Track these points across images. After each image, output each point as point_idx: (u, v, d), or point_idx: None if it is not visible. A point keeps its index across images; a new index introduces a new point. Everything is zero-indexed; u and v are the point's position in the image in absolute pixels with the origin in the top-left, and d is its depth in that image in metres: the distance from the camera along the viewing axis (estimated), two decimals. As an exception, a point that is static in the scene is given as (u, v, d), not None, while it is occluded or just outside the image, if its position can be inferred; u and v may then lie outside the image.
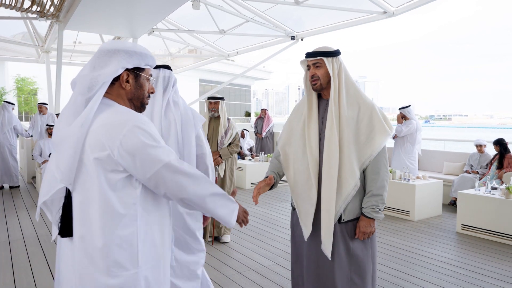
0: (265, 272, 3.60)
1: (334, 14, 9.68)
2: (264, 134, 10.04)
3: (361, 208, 2.11)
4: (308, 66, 2.16)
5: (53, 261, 3.85)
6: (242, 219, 1.62)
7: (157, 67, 2.46)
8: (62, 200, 1.44)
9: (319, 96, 2.21)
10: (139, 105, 1.54)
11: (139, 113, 1.46)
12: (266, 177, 2.20)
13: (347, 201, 2.05)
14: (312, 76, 2.11)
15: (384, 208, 5.80)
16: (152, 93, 1.58)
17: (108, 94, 1.46)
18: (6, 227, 5.06)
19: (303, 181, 2.15)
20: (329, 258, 2.07)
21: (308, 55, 2.13)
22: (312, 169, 2.10)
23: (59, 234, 1.43)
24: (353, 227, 2.11)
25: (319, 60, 2.10)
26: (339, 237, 2.09)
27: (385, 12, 8.59)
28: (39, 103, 8.72)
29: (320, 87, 2.12)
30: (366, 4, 8.47)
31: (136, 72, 1.50)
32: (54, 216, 1.48)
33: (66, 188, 1.42)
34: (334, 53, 2.09)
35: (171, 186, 1.40)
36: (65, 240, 1.45)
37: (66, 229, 1.41)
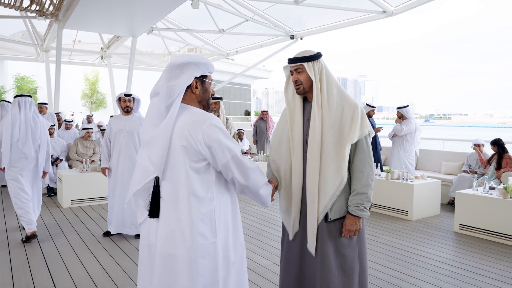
0: (263, 271, 3.61)
1: (333, 14, 9.68)
2: (271, 137, 9.66)
3: (347, 206, 2.15)
4: (291, 71, 2.21)
5: (52, 261, 3.86)
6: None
7: (21, 95, 4.53)
8: (151, 189, 1.75)
9: (306, 99, 2.26)
10: (206, 105, 1.88)
11: (210, 113, 1.79)
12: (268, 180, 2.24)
13: (332, 201, 2.10)
14: (296, 81, 2.17)
15: (382, 207, 5.81)
16: (213, 95, 1.94)
17: (182, 99, 1.77)
18: (5, 227, 5.07)
19: (288, 182, 2.23)
20: (313, 255, 2.13)
21: (290, 61, 2.19)
22: (296, 170, 2.17)
23: (149, 216, 1.75)
24: (340, 226, 2.15)
25: (299, 65, 2.16)
26: (326, 236, 2.13)
27: (384, 12, 8.59)
28: (39, 103, 8.69)
29: (303, 91, 2.18)
30: (365, 4, 8.47)
31: (202, 79, 1.83)
32: (145, 202, 1.79)
33: (155, 178, 1.74)
34: (314, 57, 2.14)
35: (237, 173, 1.75)
36: (152, 221, 1.77)
37: (155, 212, 1.74)
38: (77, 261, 3.86)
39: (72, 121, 9.04)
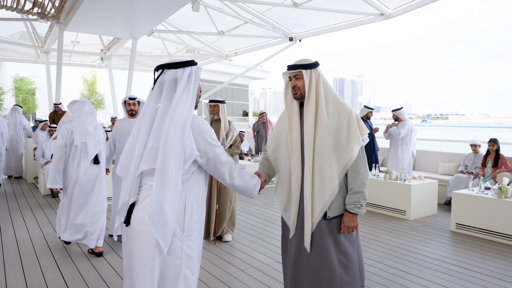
0: (266, 269, 3.73)
1: (331, 16, 9.79)
2: (268, 137, 9.48)
3: (344, 205, 2.31)
4: (290, 77, 2.38)
5: (62, 261, 3.97)
6: None
7: None
8: None
9: (302, 105, 2.41)
10: None
11: None
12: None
13: (331, 200, 2.25)
14: (294, 87, 2.34)
15: (380, 207, 5.94)
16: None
17: None
18: (12, 227, 5.16)
19: (287, 183, 2.40)
20: (308, 251, 2.28)
21: (289, 68, 2.37)
22: (294, 172, 2.33)
23: None
24: (338, 223, 2.31)
25: (298, 72, 2.32)
26: (326, 233, 2.28)
27: (382, 14, 8.71)
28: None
29: (300, 96, 2.34)
30: (363, 6, 8.58)
31: None
32: None
33: None
34: (312, 66, 2.31)
35: None
36: None
37: None
38: (87, 261, 3.96)
39: None
